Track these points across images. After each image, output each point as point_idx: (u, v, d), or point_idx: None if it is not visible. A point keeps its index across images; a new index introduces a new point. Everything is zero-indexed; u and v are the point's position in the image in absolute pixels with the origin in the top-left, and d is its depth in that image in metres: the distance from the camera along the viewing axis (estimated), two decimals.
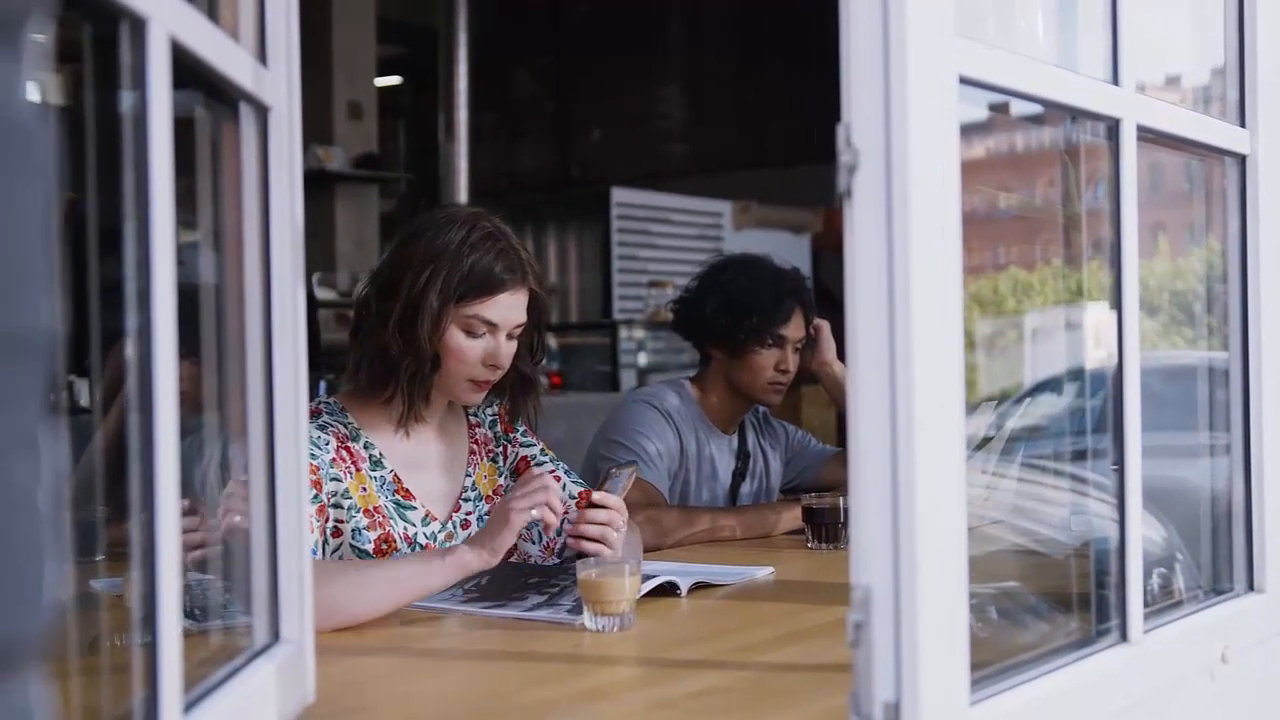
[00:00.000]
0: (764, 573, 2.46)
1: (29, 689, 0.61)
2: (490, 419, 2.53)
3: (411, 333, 2.25)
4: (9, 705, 0.60)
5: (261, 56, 1.40)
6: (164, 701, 1.04)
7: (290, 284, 1.43)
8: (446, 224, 2.29)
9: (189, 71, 1.16)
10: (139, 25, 1.03)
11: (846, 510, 2.77)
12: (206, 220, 1.40)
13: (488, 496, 2.45)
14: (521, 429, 2.56)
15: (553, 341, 8.04)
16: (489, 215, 2.35)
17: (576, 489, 2.50)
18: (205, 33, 1.19)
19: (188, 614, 1.21)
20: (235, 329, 1.41)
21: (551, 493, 2.10)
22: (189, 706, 1.13)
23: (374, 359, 2.29)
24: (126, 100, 1.05)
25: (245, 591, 1.43)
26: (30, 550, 0.60)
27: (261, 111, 1.40)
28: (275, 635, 1.43)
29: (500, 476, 2.50)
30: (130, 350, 1.05)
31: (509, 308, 2.31)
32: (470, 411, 2.50)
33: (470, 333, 2.28)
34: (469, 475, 2.44)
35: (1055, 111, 1.66)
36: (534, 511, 2.07)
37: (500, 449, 2.52)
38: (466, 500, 2.42)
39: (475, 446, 2.48)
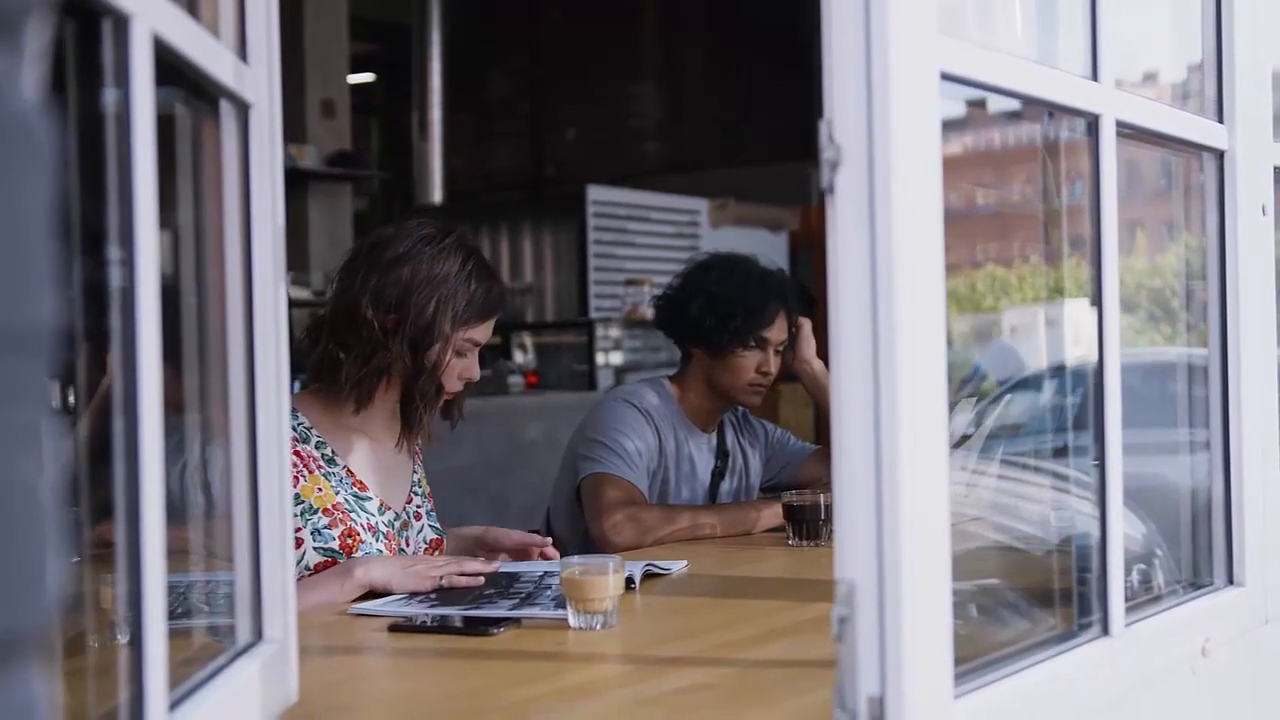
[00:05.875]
0: (679, 566, 2.47)
1: (32, 682, 0.61)
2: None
3: (420, 357, 2.37)
4: (13, 698, 0.60)
5: (242, 53, 1.40)
6: (149, 700, 1.04)
7: (272, 283, 1.43)
8: (439, 250, 2.39)
9: (170, 68, 1.15)
10: (122, 22, 1.02)
11: (827, 507, 2.79)
12: (186, 219, 1.39)
13: (428, 494, 2.60)
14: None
15: (528, 340, 8.04)
16: (466, 235, 2.48)
17: (431, 534, 2.58)
18: (188, 30, 1.18)
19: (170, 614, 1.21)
20: (216, 329, 1.40)
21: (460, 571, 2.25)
22: (173, 705, 1.13)
23: (376, 375, 2.38)
24: (108, 97, 1.05)
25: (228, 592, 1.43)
26: (35, 544, 0.60)
27: (242, 109, 1.40)
28: (258, 634, 1.42)
29: (426, 484, 2.64)
30: (113, 351, 1.04)
31: (491, 328, 2.47)
32: None
33: (459, 353, 2.42)
34: (415, 473, 2.58)
35: (1034, 108, 1.66)
36: (443, 581, 2.22)
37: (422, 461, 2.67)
38: (416, 494, 2.55)
39: (416, 449, 2.60)
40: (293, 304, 6.74)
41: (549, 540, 2.57)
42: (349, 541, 2.34)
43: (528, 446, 6.16)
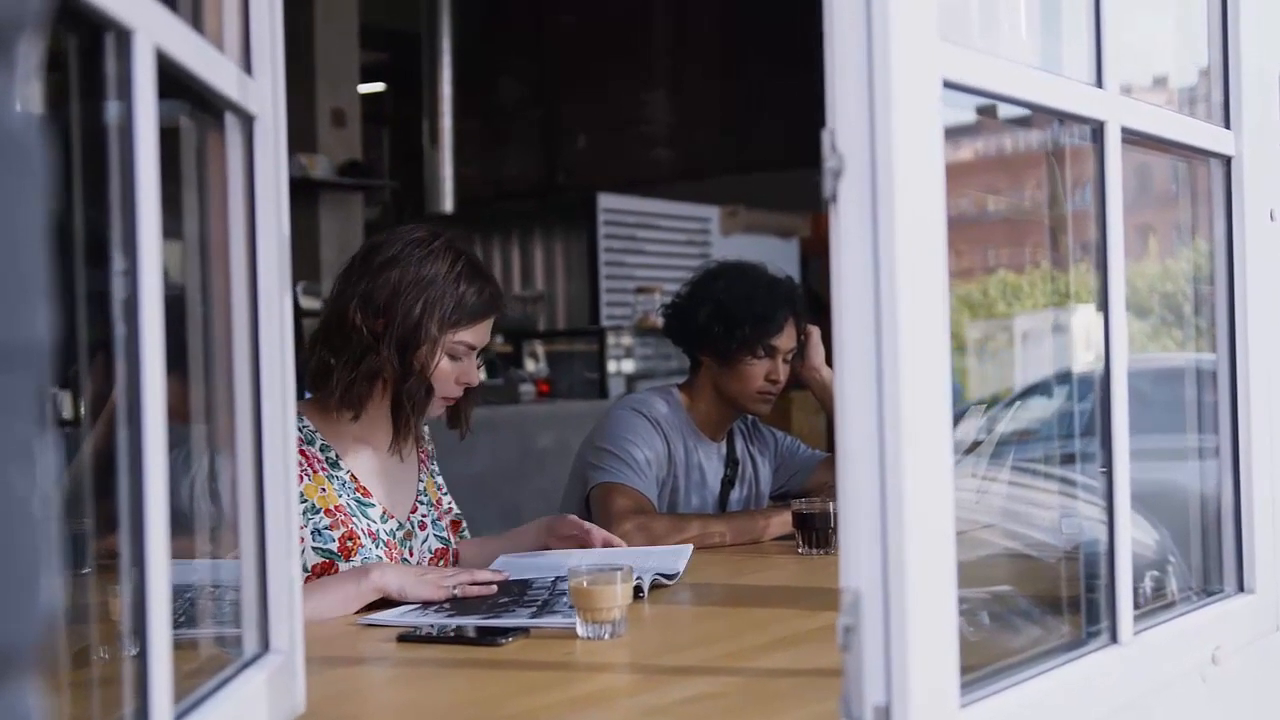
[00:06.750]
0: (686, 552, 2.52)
1: (27, 697, 0.61)
2: (428, 436, 2.67)
3: (409, 359, 2.36)
4: (8, 712, 0.60)
5: (246, 66, 1.40)
6: (155, 712, 1.04)
7: (277, 294, 1.43)
8: (428, 253, 2.39)
9: (173, 81, 1.16)
10: (125, 36, 1.03)
11: (836, 515, 2.78)
12: (192, 230, 1.39)
13: (435, 503, 2.59)
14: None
15: (540, 349, 8.03)
16: (460, 239, 2.47)
17: (437, 544, 2.58)
18: (190, 43, 1.18)
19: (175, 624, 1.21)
20: (222, 340, 1.41)
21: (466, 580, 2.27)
22: (179, 717, 1.13)
23: (367, 380, 2.37)
24: (112, 110, 1.05)
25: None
26: (28, 559, 0.61)
27: (247, 121, 1.40)
28: (265, 645, 1.42)
29: (439, 490, 2.63)
30: (118, 362, 1.05)
31: (487, 332, 2.46)
32: None
33: (453, 356, 2.41)
34: (421, 481, 2.57)
35: (1041, 114, 1.66)
36: (456, 591, 2.22)
37: (435, 465, 2.65)
38: (422, 503, 2.55)
39: (423, 456, 2.60)
40: (305, 314, 6.75)
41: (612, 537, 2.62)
42: (348, 545, 2.34)
43: (539, 454, 6.16)
